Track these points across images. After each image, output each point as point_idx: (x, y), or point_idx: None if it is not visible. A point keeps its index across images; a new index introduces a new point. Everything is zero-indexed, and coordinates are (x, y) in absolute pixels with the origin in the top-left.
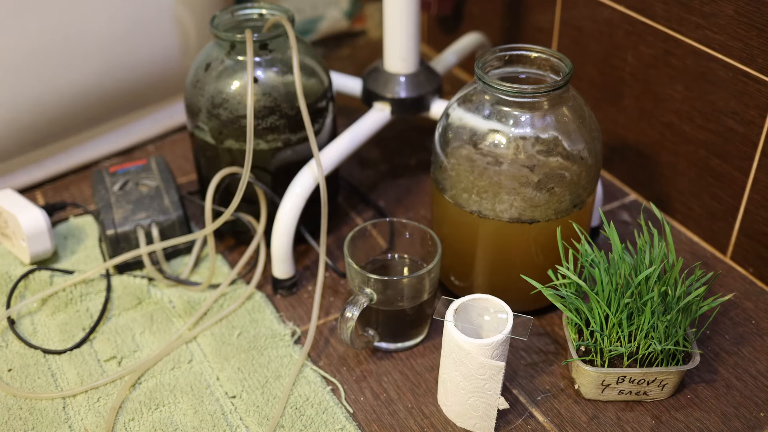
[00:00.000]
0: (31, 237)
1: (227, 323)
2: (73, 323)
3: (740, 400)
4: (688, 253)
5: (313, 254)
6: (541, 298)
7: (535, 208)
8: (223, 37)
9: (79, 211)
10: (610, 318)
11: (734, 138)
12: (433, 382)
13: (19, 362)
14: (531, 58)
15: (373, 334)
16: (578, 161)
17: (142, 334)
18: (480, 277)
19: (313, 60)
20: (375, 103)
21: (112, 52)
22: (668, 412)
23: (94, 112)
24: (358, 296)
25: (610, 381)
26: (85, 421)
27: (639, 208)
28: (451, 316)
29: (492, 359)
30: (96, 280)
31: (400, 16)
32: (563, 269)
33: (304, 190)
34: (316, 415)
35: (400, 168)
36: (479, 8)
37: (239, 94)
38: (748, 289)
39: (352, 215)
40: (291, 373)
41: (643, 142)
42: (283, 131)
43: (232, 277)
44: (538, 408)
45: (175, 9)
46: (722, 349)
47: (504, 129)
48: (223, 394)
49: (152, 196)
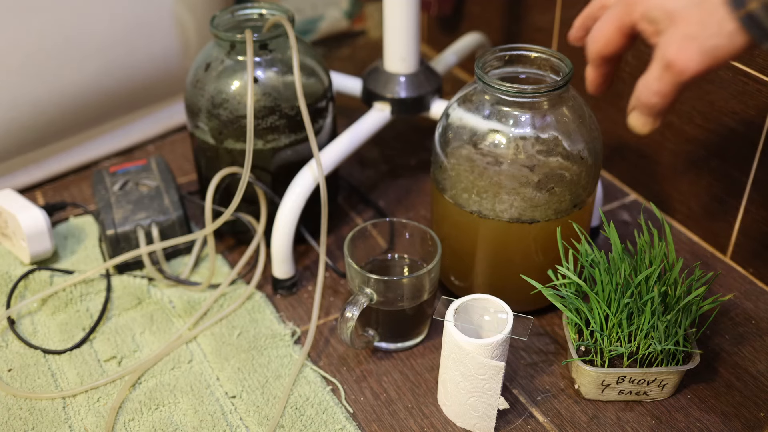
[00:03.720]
0: (31, 237)
1: (227, 323)
2: (73, 323)
3: (740, 400)
4: (688, 253)
5: (313, 254)
6: (541, 298)
7: (535, 208)
8: (223, 37)
9: (79, 211)
10: (610, 318)
11: (734, 138)
12: (433, 382)
13: (19, 362)
14: (531, 58)
15: (373, 334)
16: (578, 161)
17: (142, 334)
18: (480, 277)
19: (313, 60)
20: (375, 103)
21: (112, 52)
22: (668, 412)
23: (94, 112)
24: (358, 296)
25: (610, 381)
26: (85, 421)
27: (639, 208)
28: (451, 316)
29: (492, 359)
30: (96, 280)
31: (400, 16)
32: (563, 269)
33: (304, 190)
34: (316, 415)
35: (400, 168)
36: (479, 8)
37: (239, 94)
38: (748, 289)
39: (352, 215)
40: (291, 373)
41: (643, 142)
42: (283, 131)
43: (232, 277)
44: (538, 408)
45: (175, 9)
46: (722, 349)
47: (504, 129)
48: (223, 394)
49: (152, 196)
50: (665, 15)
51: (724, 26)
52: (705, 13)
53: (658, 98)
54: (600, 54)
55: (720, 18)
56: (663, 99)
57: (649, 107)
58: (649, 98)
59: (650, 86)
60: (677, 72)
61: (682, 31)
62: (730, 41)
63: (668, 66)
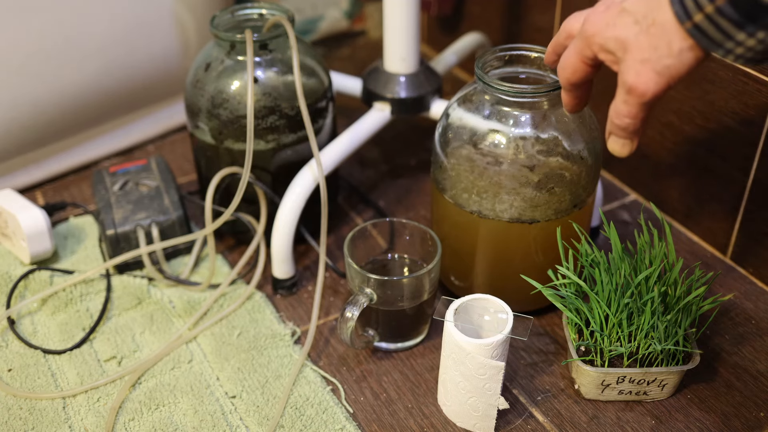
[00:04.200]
0: (31, 237)
1: (227, 323)
2: (73, 323)
3: (740, 400)
4: (688, 253)
5: (313, 254)
6: (541, 298)
7: (535, 208)
8: (223, 37)
9: (79, 211)
10: (610, 318)
11: (734, 138)
12: (433, 382)
13: (19, 362)
14: (531, 58)
15: (373, 334)
16: (578, 161)
17: (142, 334)
18: (480, 277)
19: (313, 60)
20: (375, 103)
21: (112, 52)
22: (668, 412)
23: (94, 112)
24: (358, 296)
25: (610, 381)
26: (85, 421)
27: (639, 208)
28: (451, 316)
29: (492, 359)
30: (96, 280)
31: (400, 16)
32: (563, 269)
33: (304, 190)
34: (316, 415)
35: (400, 168)
36: (479, 8)
37: (239, 94)
38: (748, 289)
39: (352, 215)
40: (291, 373)
41: (643, 142)
42: (283, 131)
43: (232, 277)
44: (538, 408)
45: (175, 9)
46: (722, 349)
47: (504, 129)
48: (223, 394)
49: (152, 196)
50: (619, 45)
51: (673, 46)
52: (654, 37)
53: (629, 119)
54: (569, 81)
55: (669, 40)
56: (633, 119)
57: (622, 129)
58: (621, 121)
59: (619, 110)
60: (639, 94)
61: (636, 56)
62: (680, 59)
63: (630, 90)
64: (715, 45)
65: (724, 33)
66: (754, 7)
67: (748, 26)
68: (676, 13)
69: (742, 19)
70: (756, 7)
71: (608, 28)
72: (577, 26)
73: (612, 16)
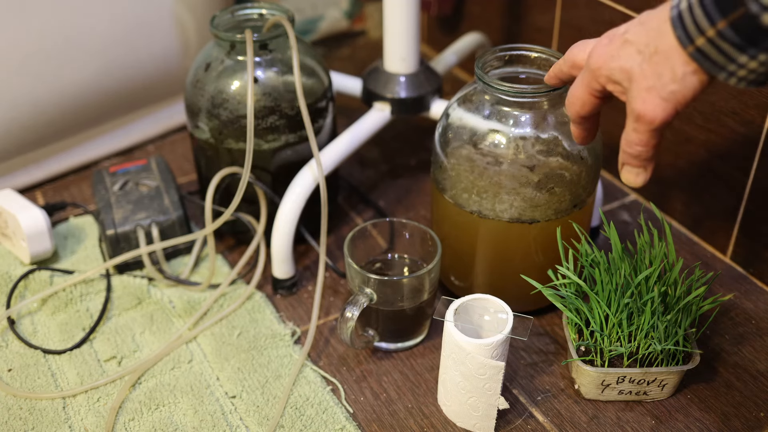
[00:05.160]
0: (31, 237)
1: (227, 323)
2: (73, 323)
3: (740, 400)
4: (688, 253)
5: (313, 254)
6: (541, 298)
7: (535, 208)
8: (223, 37)
9: (79, 211)
10: (610, 318)
11: (734, 138)
12: (433, 382)
13: (19, 362)
14: (531, 58)
15: (373, 334)
16: (578, 161)
17: (142, 334)
18: (480, 277)
19: (313, 60)
20: (375, 103)
21: (112, 52)
22: (668, 412)
23: (94, 112)
24: (358, 296)
25: (610, 381)
26: (85, 421)
27: (639, 208)
28: (451, 316)
29: (492, 359)
30: (96, 280)
31: (400, 16)
32: (563, 269)
33: (304, 190)
34: (316, 415)
35: (400, 168)
36: (479, 8)
37: (239, 94)
38: (748, 289)
39: (352, 215)
40: (291, 373)
41: None
42: (283, 131)
43: (232, 277)
44: (538, 408)
45: (175, 9)
46: (722, 349)
47: (504, 129)
48: (223, 394)
49: (152, 196)
50: (625, 75)
51: (676, 72)
52: (657, 65)
53: (641, 147)
54: (578, 114)
55: (672, 66)
56: (645, 147)
57: (635, 157)
58: (633, 149)
59: (630, 139)
60: (648, 122)
61: (642, 85)
62: (684, 84)
63: (638, 118)
64: (717, 68)
65: (726, 56)
66: (755, 30)
67: (750, 49)
68: (679, 37)
69: (744, 42)
70: (756, 30)
71: (612, 59)
72: (582, 56)
73: (615, 48)
